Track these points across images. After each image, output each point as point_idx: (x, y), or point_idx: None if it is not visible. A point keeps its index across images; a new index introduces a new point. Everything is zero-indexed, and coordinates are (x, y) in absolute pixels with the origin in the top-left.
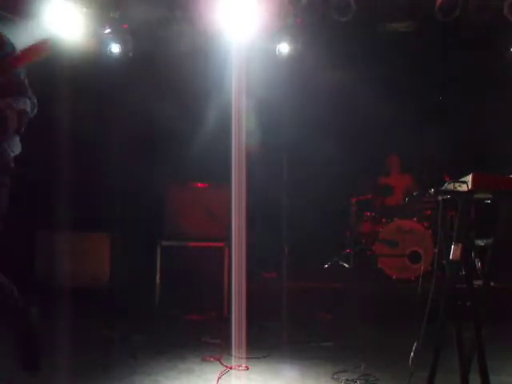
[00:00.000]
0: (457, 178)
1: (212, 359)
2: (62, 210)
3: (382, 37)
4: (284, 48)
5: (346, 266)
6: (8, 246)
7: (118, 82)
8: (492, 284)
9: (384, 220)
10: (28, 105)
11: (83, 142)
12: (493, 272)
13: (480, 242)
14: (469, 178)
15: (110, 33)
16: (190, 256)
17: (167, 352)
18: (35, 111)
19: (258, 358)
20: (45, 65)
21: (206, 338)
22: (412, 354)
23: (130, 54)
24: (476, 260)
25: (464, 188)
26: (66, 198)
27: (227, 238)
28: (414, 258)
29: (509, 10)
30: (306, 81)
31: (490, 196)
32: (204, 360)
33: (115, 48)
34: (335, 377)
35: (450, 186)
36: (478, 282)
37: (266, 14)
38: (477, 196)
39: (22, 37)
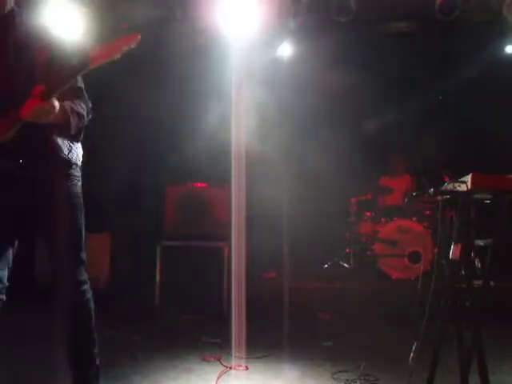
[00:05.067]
0: (456, 177)
1: (212, 359)
2: None
3: (383, 37)
4: (285, 48)
5: (346, 266)
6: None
7: (117, 81)
8: (492, 284)
9: (384, 220)
10: (84, 109)
11: (82, 142)
12: (493, 272)
13: (480, 242)
14: (468, 178)
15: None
16: (189, 256)
17: (167, 352)
18: (90, 116)
19: (258, 357)
20: None
21: (206, 338)
22: (412, 353)
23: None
24: (476, 260)
25: (463, 188)
26: None
27: (227, 238)
28: (414, 257)
29: (508, 10)
30: (307, 81)
31: (490, 196)
32: (204, 360)
33: None
34: (335, 377)
35: (450, 186)
36: (477, 282)
37: (266, 13)
38: (476, 196)
39: None
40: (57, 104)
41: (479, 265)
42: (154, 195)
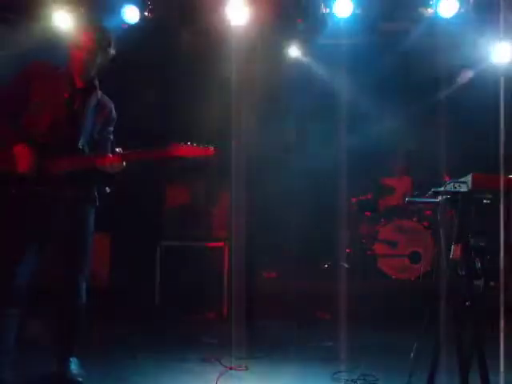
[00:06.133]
0: (457, 178)
1: (212, 359)
2: None
3: (383, 36)
4: (286, 48)
5: (346, 266)
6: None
7: (116, 81)
8: (492, 284)
9: (384, 220)
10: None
11: None
12: (493, 272)
13: (480, 242)
14: (468, 178)
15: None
16: (189, 256)
17: (167, 352)
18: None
19: (257, 357)
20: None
21: (206, 338)
22: (412, 354)
23: (126, 54)
24: (476, 260)
25: (464, 188)
26: None
27: (227, 238)
28: (414, 258)
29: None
30: (309, 81)
31: (490, 196)
32: (204, 360)
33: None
34: (335, 377)
35: (450, 186)
36: (477, 282)
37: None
38: (477, 196)
39: (24, 37)
40: (124, 165)
41: (479, 265)
42: (153, 195)
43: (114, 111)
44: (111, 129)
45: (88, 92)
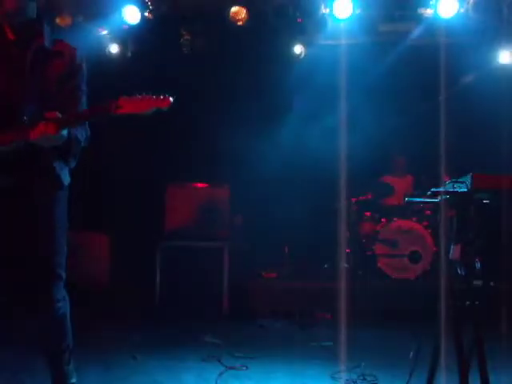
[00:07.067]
0: (457, 177)
1: (212, 359)
2: None
3: (382, 37)
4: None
5: (346, 266)
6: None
7: (117, 81)
8: (492, 284)
9: (384, 220)
10: (83, 136)
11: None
12: (493, 272)
13: (480, 242)
14: (468, 178)
15: (108, 33)
16: (189, 256)
17: (167, 352)
18: (86, 144)
19: (257, 357)
20: None
21: (207, 338)
22: (412, 353)
23: (129, 54)
24: (476, 260)
25: (464, 188)
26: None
27: (227, 238)
28: (414, 257)
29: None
30: (309, 81)
31: (490, 196)
32: (204, 360)
33: (114, 48)
34: (335, 377)
35: (450, 186)
36: (477, 282)
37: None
38: (477, 196)
39: None
40: (65, 134)
41: (479, 265)
42: (154, 195)
43: (77, 59)
44: (77, 82)
45: (26, 42)
